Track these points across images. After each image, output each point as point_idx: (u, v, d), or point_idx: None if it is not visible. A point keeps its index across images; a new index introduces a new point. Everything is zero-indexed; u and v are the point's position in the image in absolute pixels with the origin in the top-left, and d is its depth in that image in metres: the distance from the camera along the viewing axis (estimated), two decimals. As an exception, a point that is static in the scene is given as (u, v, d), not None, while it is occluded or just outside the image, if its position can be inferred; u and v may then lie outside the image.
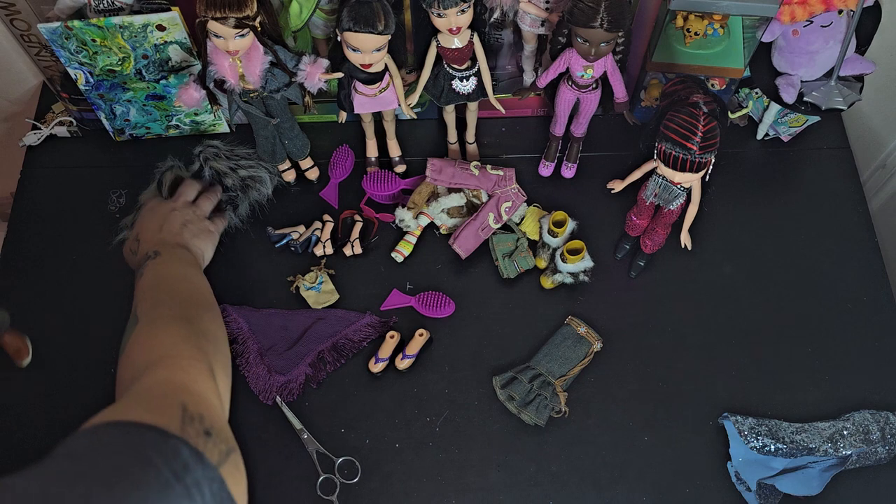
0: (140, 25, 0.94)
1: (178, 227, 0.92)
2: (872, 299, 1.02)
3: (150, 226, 0.92)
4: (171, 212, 0.93)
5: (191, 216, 0.94)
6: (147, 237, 0.90)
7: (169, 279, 0.82)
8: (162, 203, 0.96)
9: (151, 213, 0.94)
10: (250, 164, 1.04)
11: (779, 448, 0.91)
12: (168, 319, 0.74)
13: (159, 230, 0.91)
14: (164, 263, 0.84)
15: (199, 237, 0.93)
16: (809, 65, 1.00)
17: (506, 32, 1.10)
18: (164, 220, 0.92)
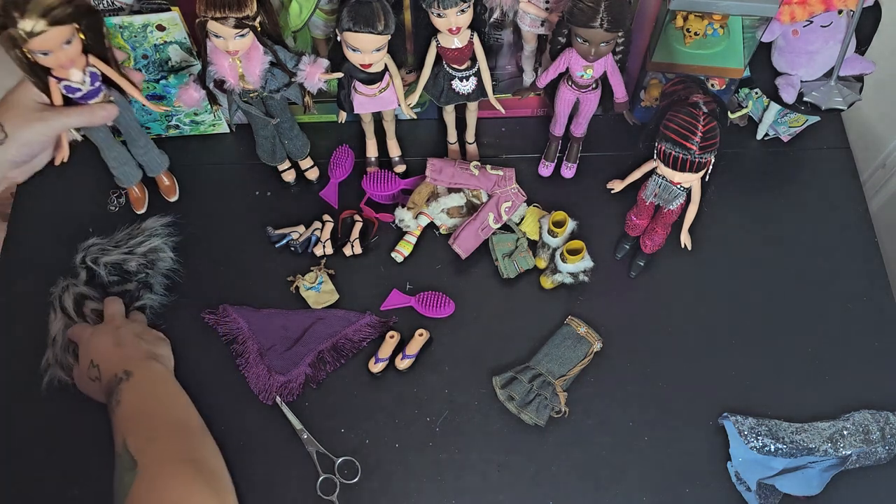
0: (140, 25, 0.94)
1: (134, 340, 0.87)
2: (872, 299, 1.02)
3: (103, 348, 0.86)
4: (116, 329, 0.89)
5: (138, 328, 0.91)
6: (105, 359, 0.84)
7: (154, 404, 0.77)
8: (100, 325, 0.91)
9: (96, 337, 0.88)
10: (141, 241, 1.02)
11: (779, 448, 0.91)
12: (174, 464, 0.69)
13: (117, 348, 0.86)
14: (142, 384, 0.79)
15: (158, 345, 0.91)
16: (809, 65, 1.00)
17: (506, 32, 1.10)
18: (115, 337, 0.87)
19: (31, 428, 0.95)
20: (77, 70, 0.85)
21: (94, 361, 0.85)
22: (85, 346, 0.89)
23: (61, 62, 0.82)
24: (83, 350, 0.89)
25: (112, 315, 0.94)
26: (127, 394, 0.78)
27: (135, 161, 1.03)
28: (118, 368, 0.82)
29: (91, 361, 0.86)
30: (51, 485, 0.92)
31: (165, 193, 1.08)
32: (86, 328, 0.92)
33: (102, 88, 0.89)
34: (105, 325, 0.91)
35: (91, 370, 0.86)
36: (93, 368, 0.85)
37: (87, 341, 0.89)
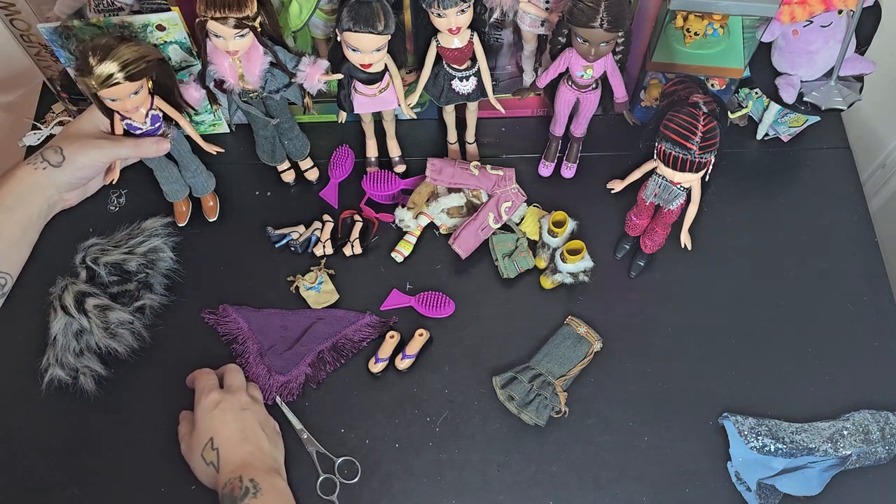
0: (140, 25, 0.94)
1: (261, 439, 0.80)
2: (872, 299, 1.02)
3: (229, 433, 0.79)
4: (242, 412, 0.82)
5: (261, 414, 0.85)
6: (229, 449, 0.78)
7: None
8: (226, 398, 0.84)
9: (222, 414, 0.81)
10: (141, 240, 1.02)
11: (779, 448, 0.91)
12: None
13: (243, 442, 0.79)
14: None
15: (278, 444, 0.85)
16: (809, 65, 1.00)
17: (506, 32, 1.10)
18: (241, 425, 0.80)
19: (31, 428, 0.95)
20: (141, 112, 0.90)
21: (215, 444, 0.79)
22: (207, 419, 0.81)
23: (127, 108, 0.88)
24: (203, 422, 0.81)
25: (237, 388, 0.87)
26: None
27: (183, 180, 1.05)
28: (243, 472, 0.75)
29: (211, 441, 0.79)
30: (51, 485, 0.92)
31: (207, 213, 1.08)
32: (210, 391, 0.85)
33: (162, 127, 0.94)
34: (230, 401, 0.83)
35: (208, 452, 0.79)
36: (211, 451, 0.78)
37: (210, 415, 0.81)
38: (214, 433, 0.79)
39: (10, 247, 0.82)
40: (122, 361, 0.97)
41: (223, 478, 0.74)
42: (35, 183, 0.83)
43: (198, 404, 0.84)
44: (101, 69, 0.82)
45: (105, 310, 0.96)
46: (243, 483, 0.73)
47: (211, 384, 0.86)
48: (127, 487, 0.92)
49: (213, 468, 0.76)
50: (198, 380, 0.88)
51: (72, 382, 0.95)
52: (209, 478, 0.78)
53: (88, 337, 0.96)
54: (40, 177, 0.83)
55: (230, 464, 0.75)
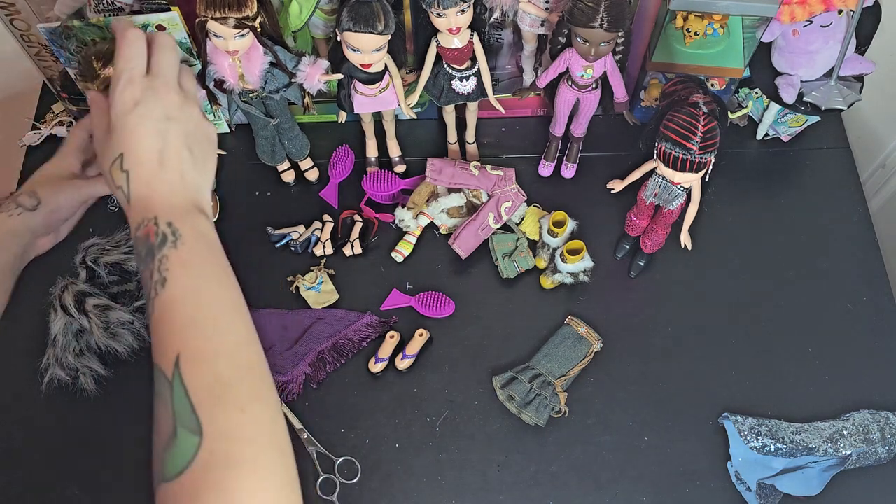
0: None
1: (181, 160, 0.60)
2: (872, 299, 1.02)
3: (144, 151, 0.59)
4: (166, 121, 0.60)
5: (188, 120, 0.62)
6: (141, 176, 0.59)
7: (213, 316, 0.58)
8: (145, 96, 0.60)
9: (139, 120, 0.59)
10: None
11: (779, 448, 0.91)
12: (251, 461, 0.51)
13: (161, 165, 0.59)
14: (192, 266, 0.59)
15: (206, 163, 0.63)
16: (809, 65, 1.00)
17: (505, 32, 1.10)
18: (162, 140, 0.60)
19: (31, 428, 0.95)
20: None
21: (125, 164, 0.59)
22: (119, 123, 0.60)
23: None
24: (115, 127, 0.60)
25: (165, 78, 0.62)
26: (177, 275, 0.56)
27: None
28: (158, 212, 0.58)
29: (121, 159, 0.59)
30: (51, 485, 0.92)
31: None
32: (132, 80, 0.61)
33: None
34: (152, 104, 0.60)
35: (117, 171, 0.59)
36: (120, 172, 0.59)
37: (124, 119, 0.59)
38: (126, 148, 0.59)
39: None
40: (122, 361, 0.97)
41: (135, 214, 0.58)
42: (9, 229, 0.75)
43: (113, 92, 0.61)
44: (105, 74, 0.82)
45: (105, 310, 0.96)
46: (159, 228, 0.57)
47: (135, 66, 0.61)
48: (127, 487, 0.92)
49: (123, 194, 0.59)
50: (121, 49, 0.62)
51: (72, 382, 0.95)
52: (120, 202, 0.61)
53: (88, 337, 0.96)
54: (15, 223, 0.75)
55: (142, 197, 0.58)
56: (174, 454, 0.53)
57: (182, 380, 0.54)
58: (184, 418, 0.53)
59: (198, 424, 0.52)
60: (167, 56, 0.64)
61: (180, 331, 0.56)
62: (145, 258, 0.58)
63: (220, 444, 0.51)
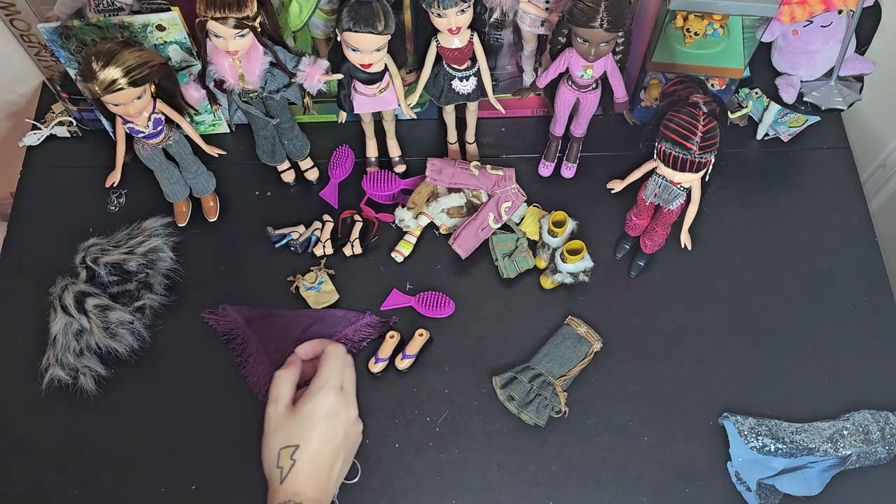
0: (140, 25, 0.94)
1: (338, 473, 0.69)
2: (872, 299, 1.02)
3: (319, 456, 0.67)
4: (345, 438, 0.69)
5: (356, 441, 0.72)
6: (305, 473, 0.66)
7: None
8: (340, 410, 0.69)
9: (328, 429, 0.68)
10: (141, 241, 1.01)
11: (779, 448, 0.91)
12: None
13: (326, 473, 0.67)
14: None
15: (343, 474, 0.71)
16: (809, 65, 1.00)
17: (506, 32, 1.10)
18: (335, 453, 0.68)
19: (31, 428, 0.95)
20: (143, 116, 0.91)
21: (296, 455, 0.66)
22: (309, 422, 0.67)
23: (130, 113, 0.89)
24: (304, 421, 0.67)
25: (350, 398, 0.72)
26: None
27: (184, 181, 1.05)
28: (307, 493, 0.65)
29: (296, 450, 0.66)
30: (51, 483, 0.92)
31: (207, 213, 1.08)
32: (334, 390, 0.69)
33: (164, 131, 0.96)
34: (342, 419, 0.69)
35: (285, 457, 0.66)
36: (288, 459, 0.66)
37: (316, 422, 0.67)
38: (306, 445, 0.66)
39: None
40: (122, 361, 0.97)
41: (282, 496, 0.65)
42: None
43: (314, 394, 0.68)
44: (104, 75, 0.82)
45: (105, 310, 0.96)
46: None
47: (339, 379, 0.70)
48: (127, 487, 0.92)
49: (279, 474, 0.66)
50: (330, 358, 0.71)
51: (72, 382, 0.95)
52: (268, 472, 0.67)
53: (88, 337, 0.96)
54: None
55: (295, 487, 0.65)
56: None
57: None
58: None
59: None
60: (352, 375, 0.74)
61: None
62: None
63: None
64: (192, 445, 0.94)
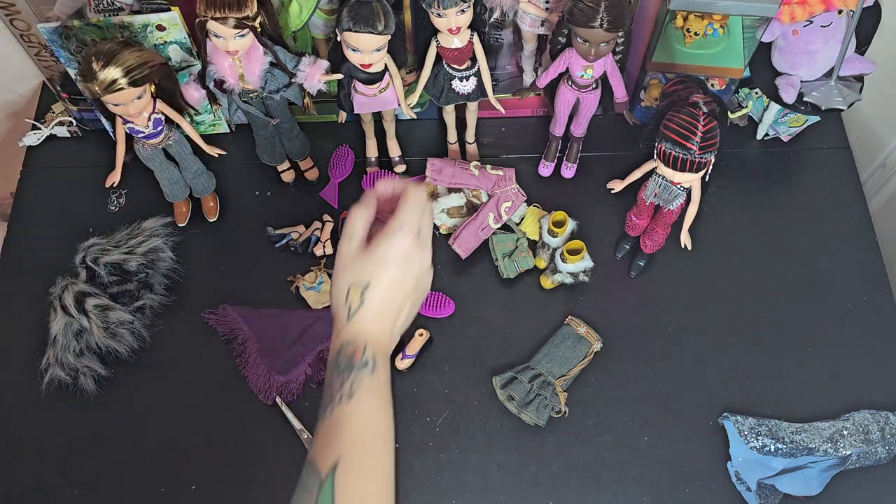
0: (140, 25, 0.93)
1: (404, 319, 0.66)
2: (872, 299, 1.02)
3: (389, 296, 0.64)
4: (416, 280, 0.65)
5: (426, 286, 0.68)
6: (373, 311, 0.64)
7: (379, 443, 0.62)
8: (415, 254, 0.65)
9: (401, 271, 0.64)
10: (141, 241, 1.01)
11: (779, 448, 0.91)
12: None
13: (393, 314, 0.65)
14: (378, 395, 0.63)
15: (412, 318, 0.69)
16: (809, 65, 1.00)
17: (505, 32, 1.10)
18: (404, 296, 0.65)
19: (31, 428, 0.95)
20: (143, 116, 0.91)
21: (366, 294, 0.63)
22: (383, 261, 0.63)
23: (130, 113, 0.89)
24: (378, 260, 0.63)
25: (425, 243, 0.67)
26: (364, 397, 0.62)
27: (184, 181, 1.05)
28: (369, 342, 0.63)
29: (367, 287, 0.63)
30: (51, 483, 0.92)
31: (207, 213, 1.08)
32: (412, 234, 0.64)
33: (164, 131, 0.96)
34: (416, 263, 0.65)
35: (355, 293, 0.64)
36: (358, 296, 0.63)
37: (389, 264, 0.64)
38: (377, 283, 0.63)
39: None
40: (122, 361, 0.97)
41: (347, 333, 0.63)
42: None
43: (390, 235, 0.64)
44: (104, 75, 0.82)
45: (105, 310, 0.96)
46: (366, 355, 0.63)
47: (416, 224, 0.66)
48: (127, 487, 0.92)
49: (346, 311, 0.64)
50: (409, 201, 0.66)
51: (72, 382, 0.95)
52: (335, 311, 0.65)
53: (88, 337, 0.96)
54: None
55: (362, 325, 0.64)
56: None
57: (333, 484, 0.57)
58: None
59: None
60: (430, 221, 0.70)
61: (348, 441, 0.60)
62: (342, 370, 0.63)
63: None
64: (192, 445, 0.94)
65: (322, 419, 0.62)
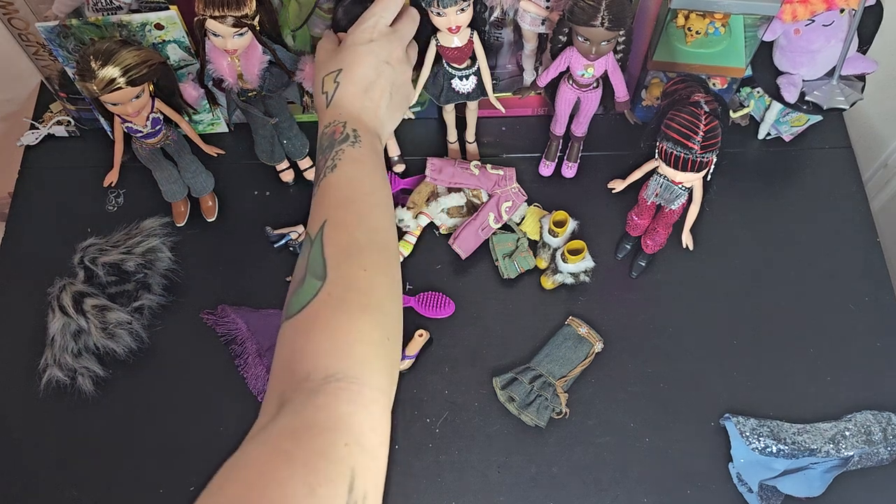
0: (138, 24, 0.93)
1: (382, 98, 0.72)
2: (874, 299, 1.02)
3: (358, 75, 0.71)
4: (384, 64, 0.72)
5: (401, 74, 0.75)
6: (347, 92, 0.70)
7: (365, 201, 0.65)
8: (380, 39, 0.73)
9: (366, 53, 0.72)
10: (139, 241, 1.01)
11: (780, 449, 0.90)
12: (361, 308, 0.57)
13: (365, 91, 0.71)
14: (361, 164, 0.66)
15: (395, 112, 0.75)
16: (811, 64, 1.00)
17: (506, 31, 1.09)
18: (376, 75, 0.72)
19: (29, 429, 0.95)
20: (142, 116, 0.91)
21: (339, 77, 0.71)
22: (349, 49, 0.72)
23: (128, 112, 0.88)
24: (345, 50, 0.72)
25: (400, 37, 0.76)
26: (345, 167, 0.65)
27: (182, 180, 1.05)
28: (348, 119, 0.68)
29: (338, 73, 0.71)
30: (49, 485, 0.91)
31: (205, 213, 1.08)
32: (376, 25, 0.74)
33: (163, 130, 0.95)
34: (381, 46, 0.73)
35: (329, 81, 0.71)
36: (332, 83, 0.71)
37: (354, 48, 0.73)
38: (346, 67, 0.71)
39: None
40: (120, 362, 0.97)
41: (328, 117, 0.70)
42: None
43: (357, 25, 0.74)
44: (102, 74, 0.82)
45: (103, 310, 0.96)
46: (346, 130, 0.68)
47: (385, 17, 0.75)
48: (125, 489, 0.91)
49: (325, 99, 0.71)
50: (389, 5, 0.75)
51: (70, 383, 0.94)
52: (317, 105, 0.73)
53: (87, 337, 0.95)
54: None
55: (340, 106, 0.70)
56: (298, 294, 0.58)
57: (322, 239, 0.60)
58: (314, 268, 0.58)
59: (324, 272, 0.58)
60: (410, 26, 0.78)
61: (334, 205, 0.63)
62: (325, 150, 0.67)
63: (338, 289, 0.57)
64: (190, 447, 0.93)
65: (313, 197, 0.65)
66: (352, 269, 0.59)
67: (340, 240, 0.60)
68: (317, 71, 0.74)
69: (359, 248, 0.60)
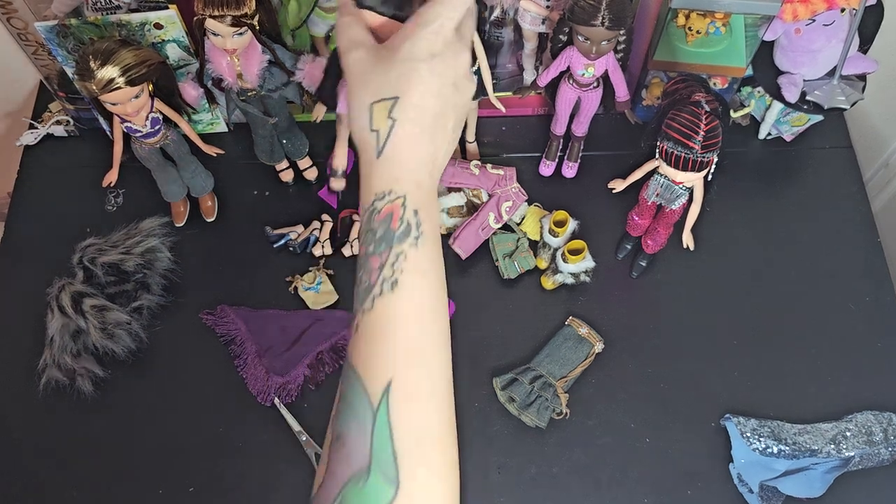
0: (138, 24, 0.93)
1: (445, 139, 0.50)
2: (875, 299, 1.02)
3: (423, 107, 0.48)
4: (453, 87, 0.50)
5: (468, 95, 0.52)
6: (407, 136, 0.48)
7: (437, 354, 0.50)
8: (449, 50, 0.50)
9: (430, 74, 0.48)
10: (138, 240, 1.00)
11: (781, 449, 0.90)
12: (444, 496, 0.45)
13: (431, 134, 0.49)
14: (427, 277, 0.53)
15: (454, 144, 0.53)
16: (812, 63, 1.00)
17: (506, 30, 1.09)
18: (443, 106, 0.49)
19: (28, 429, 0.95)
20: (141, 115, 0.91)
21: (397, 111, 0.48)
22: (409, 65, 0.48)
23: (127, 112, 0.88)
24: (402, 66, 0.48)
25: (466, 41, 0.53)
26: (412, 283, 0.50)
27: (181, 180, 1.05)
28: (408, 190, 0.48)
29: (395, 103, 0.48)
30: (49, 485, 0.91)
31: (205, 213, 1.08)
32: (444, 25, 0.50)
33: (162, 130, 0.95)
34: (450, 62, 0.50)
35: (381, 115, 0.48)
36: (385, 118, 0.48)
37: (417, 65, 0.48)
38: (406, 95, 0.48)
39: None
40: (119, 362, 0.97)
41: (380, 178, 0.48)
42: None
43: (416, 29, 0.50)
44: (102, 74, 0.82)
45: (102, 310, 0.96)
46: (405, 213, 0.49)
47: (454, 18, 0.50)
48: (125, 489, 0.91)
49: (374, 142, 0.48)
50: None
51: (69, 384, 0.94)
52: (359, 142, 0.49)
53: (86, 338, 0.95)
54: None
55: (397, 163, 0.48)
56: (362, 497, 0.44)
57: (388, 414, 0.45)
58: (383, 462, 0.44)
59: (396, 478, 0.43)
60: (472, 23, 0.55)
61: (402, 353, 0.47)
62: (378, 241, 0.48)
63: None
64: (190, 447, 0.93)
65: (360, 312, 0.47)
66: (429, 477, 0.45)
67: (412, 421, 0.45)
68: (356, 90, 0.50)
69: (434, 439, 0.46)
